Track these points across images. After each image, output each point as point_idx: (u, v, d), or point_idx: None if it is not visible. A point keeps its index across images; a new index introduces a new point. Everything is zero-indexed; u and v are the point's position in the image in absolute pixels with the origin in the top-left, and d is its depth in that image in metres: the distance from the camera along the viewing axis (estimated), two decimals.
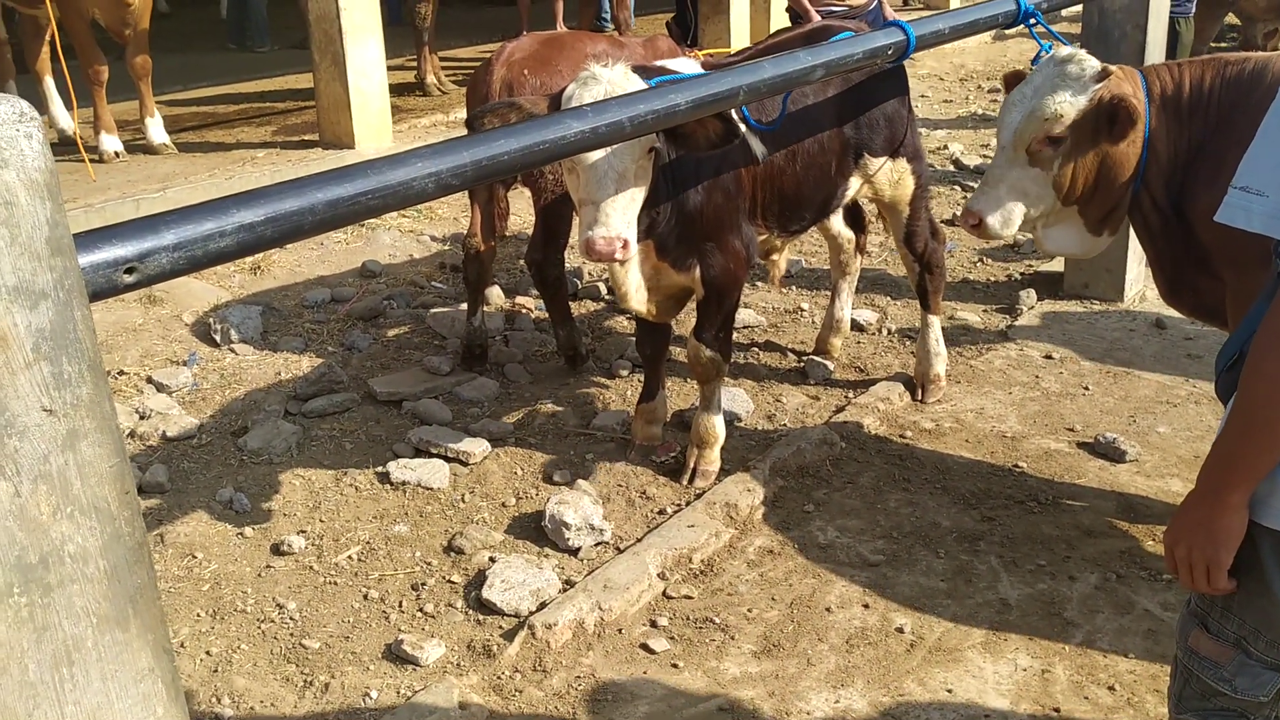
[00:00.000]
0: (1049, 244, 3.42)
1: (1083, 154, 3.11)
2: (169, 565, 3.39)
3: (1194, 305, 3.31)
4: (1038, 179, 3.17)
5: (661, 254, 3.47)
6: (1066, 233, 3.34)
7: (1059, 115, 3.06)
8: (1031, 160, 3.15)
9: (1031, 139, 3.12)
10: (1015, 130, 3.15)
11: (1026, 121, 3.13)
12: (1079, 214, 3.26)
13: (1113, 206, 3.23)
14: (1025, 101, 3.16)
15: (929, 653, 2.98)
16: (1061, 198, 3.20)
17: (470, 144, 2.01)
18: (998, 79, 9.87)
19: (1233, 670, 1.76)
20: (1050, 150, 3.11)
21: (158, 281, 1.53)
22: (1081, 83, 3.06)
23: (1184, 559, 1.72)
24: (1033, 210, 3.23)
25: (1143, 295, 5.17)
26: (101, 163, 6.86)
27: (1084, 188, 3.17)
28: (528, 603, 3.14)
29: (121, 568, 1.47)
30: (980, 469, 3.85)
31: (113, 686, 1.48)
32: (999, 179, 3.22)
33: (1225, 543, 1.67)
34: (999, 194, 3.22)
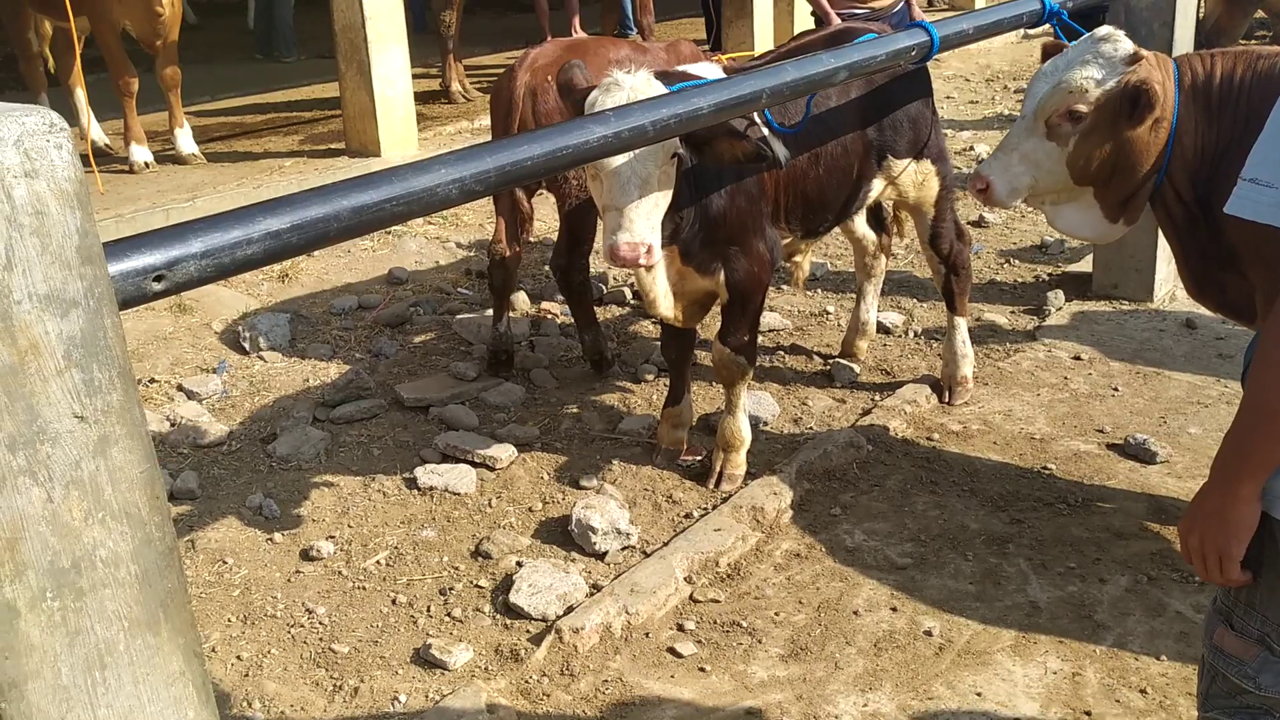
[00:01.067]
0: (1060, 223, 3.38)
1: (1101, 136, 3.07)
2: (200, 571, 3.43)
3: (1220, 302, 3.27)
4: (1051, 153, 3.13)
5: (686, 259, 3.47)
6: (1080, 214, 3.29)
7: (1083, 90, 3.03)
8: (1049, 134, 3.11)
9: (1052, 111, 3.09)
10: (1039, 101, 3.12)
11: (1051, 93, 3.10)
12: (1095, 197, 3.22)
13: (1131, 194, 3.18)
14: (1054, 74, 3.13)
15: (958, 656, 2.96)
16: (1074, 176, 3.15)
17: (493, 149, 2.03)
18: (1024, 79, 9.83)
19: (1257, 667, 1.75)
20: (1069, 125, 3.08)
21: (186, 289, 1.55)
22: (1112, 63, 3.03)
23: (1196, 549, 1.72)
24: (1041, 183, 3.20)
25: (1173, 295, 5.12)
26: (132, 173, 6.94)
27: (1100, 169, 3.13)
28: (555, 607, 3.14)
29: (153, 572, 1.48)
30: (1009, 471, 3.82)
31: (144, 690, 1.50)
32: (1013, 147, 3.19)
33: (1236, 534, 1.66)
34: (1010, 161, 3.19)
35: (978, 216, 6.37)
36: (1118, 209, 3.23)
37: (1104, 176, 3.14)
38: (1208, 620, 1.85)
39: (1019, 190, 3.20)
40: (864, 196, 4.01)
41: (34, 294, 1.29)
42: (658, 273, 3.42)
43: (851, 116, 3.82)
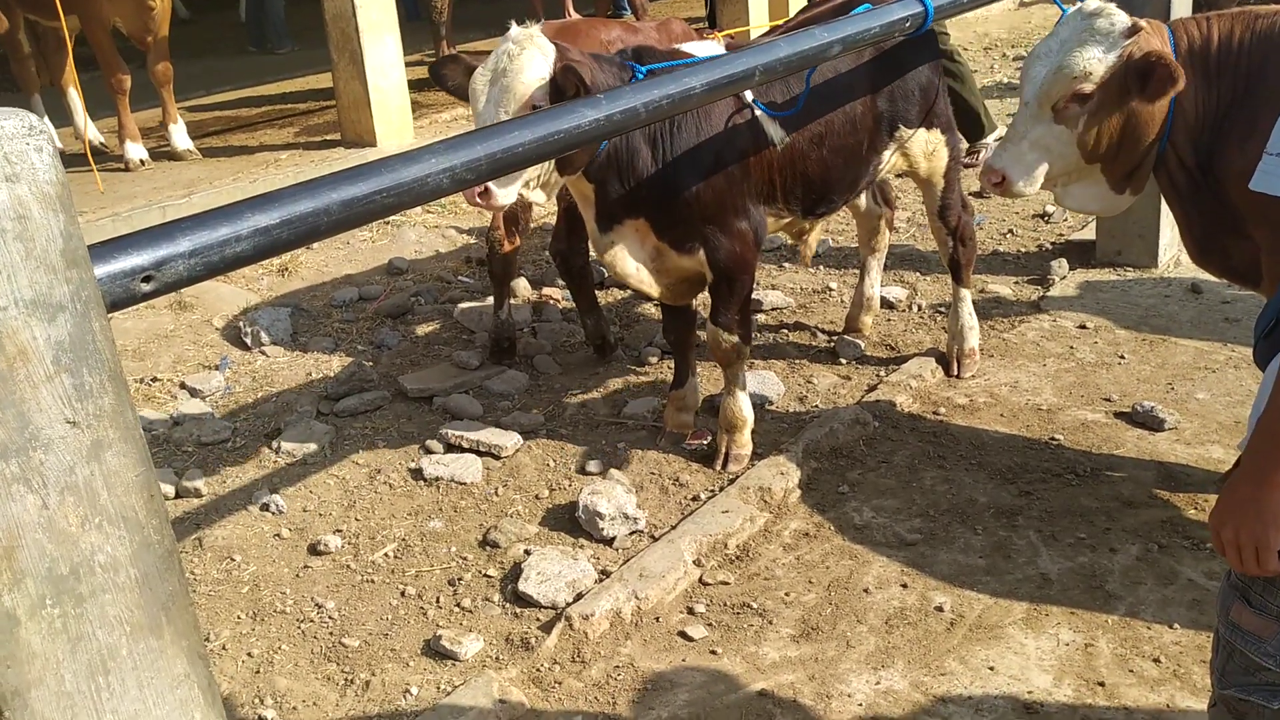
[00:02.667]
0: (1069, 201, 3.35)
1: (1109, 112, 3.04)
2: (208, 568, 3.42)
3: (1224, 267, 3.24)
4: (1062, 136, 3.10)
5: (660, 234, 3.47)
6: (1088, 190, 3.27)
7: (1087, 73, 2.99)
8: (1057, 118, 3.08)
9: (1059, 96, 3.05)
10: (1041, 86, 3.08)
11: (1054, 78, 3.05)
12: (1102, 172, 3.20)
13: (1137, 165, 3.16)
14: (1051, 56, 3.08)
15: (969, 630, 2.95)
16: (1085, 155, 3.13)
17: (484, 137, 2.00)
18: (1022, 47, 9.75)
19: (1276, 645, 1.71)
20: (1077, 108, 3.04)
21: (175, 289, 1.53)
22: (1111, 39, 2.99)
23: (1231, 540, 1.66)
24: (1056, 168, 3.17)
25: (1177, 260, 5.08)
26: (128, 171, 6.92)
27: (1108, 145, 3.10)
28: (564, 594, 3.14)
29: (152, 575, 1.47)
30: (1016, 443, 3.80)
31: (149, 694, 1.49)
32: (1022, 135, 3.15)
33: (1275, 522, 1.61)
34: (1021, 150, 3.15)
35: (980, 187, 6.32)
36: (1124, 180, 3.20)
37: (1112, 151, 3.11)
38: (1223, 595, 1.81)
39: (1034, 178, 3.16)
40: (875, 170, 3.97)
41: (20, 299, 1.28)
42: (621, 250, 3.49)
43: (860, 87, 3.77)
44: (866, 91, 3.78)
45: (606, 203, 3.40)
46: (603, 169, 3.31)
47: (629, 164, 3.34)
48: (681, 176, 3.38)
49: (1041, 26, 10.31)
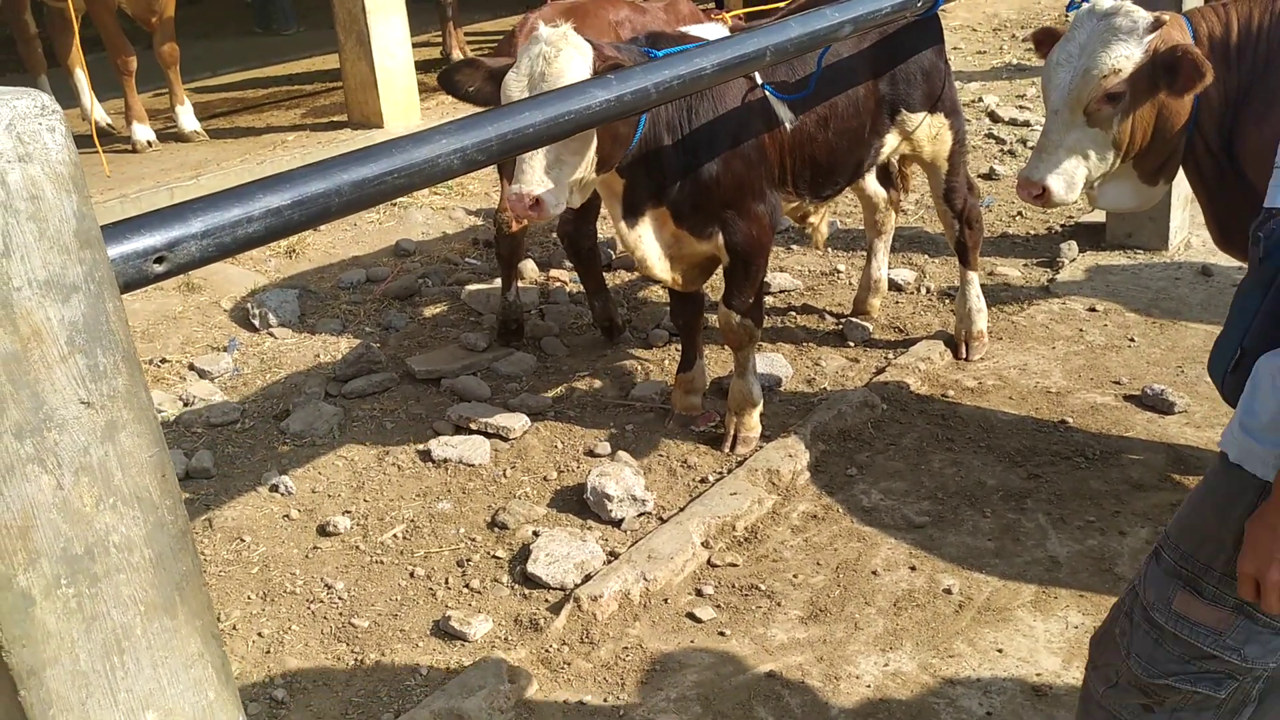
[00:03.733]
0: (1104, 201, 3.32)
1: (1140, 108, 3.01)
2: (218, 549, 3.44)
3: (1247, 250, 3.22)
4: (1098, 139, 3.05)
5: (679, 222, 3.45)
6: (1122, 187, 3.25)
7: (1117, 70, 2.95)
8: (1090, 121, 3.04)
9: (1090, 99, 3.01)
10: (1070, 91, 3.03)
11: (1082, 81, 3.01)
12: (1133, 167, 3.18)
13: (1169, 155, 3.15)
14: (1073, 60, 3.04)
15: (978, 613, 2.95)
16: (1121, 155, 3.10)
17: (494, 118, 1.99)
18: (1032, 28, 9.68)
19: (1240, 638, 1.63)
20: (1109, 108, 3.00)
21: (188, 269, 1.53)
22: (1136, 35, 2.96)
23: (1276, 583, 1.49)
24: (1095, 171, 3.12)
25: (1187, 243, 5.06)
26: (135, 152, 6.92)
27: (1142, 141, 3.08)
28: (573, 575, 3.14)
29: (166, 556, 1.48)
30: (1025, 426, 3.80)
31: (164, 673, 1.49)
32: (1057, 144, 3.08)
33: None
34: (1059, 159, 3.09)
35: (989, 169, 6.30)
36: (1156, 173, 3.19)
37: (1145, 146, 3.09)
38: (1155, 582, 1.69)
39: (1076, 185, 3.11)
40: (877, 154, 3.96)
41: (33, 280, 1.28)
42: (646, 235, 3.44)
43: (862, 71, 3.76)
44: (869, 75, 3.76)
45: (633, 195, 3.39)
46: (634, 163, 3.30)
47: (656, 153, 3.31)
48: (701, 162, 3.36)
49: (1051, 7, 10.25)
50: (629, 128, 3.14)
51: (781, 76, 3.53)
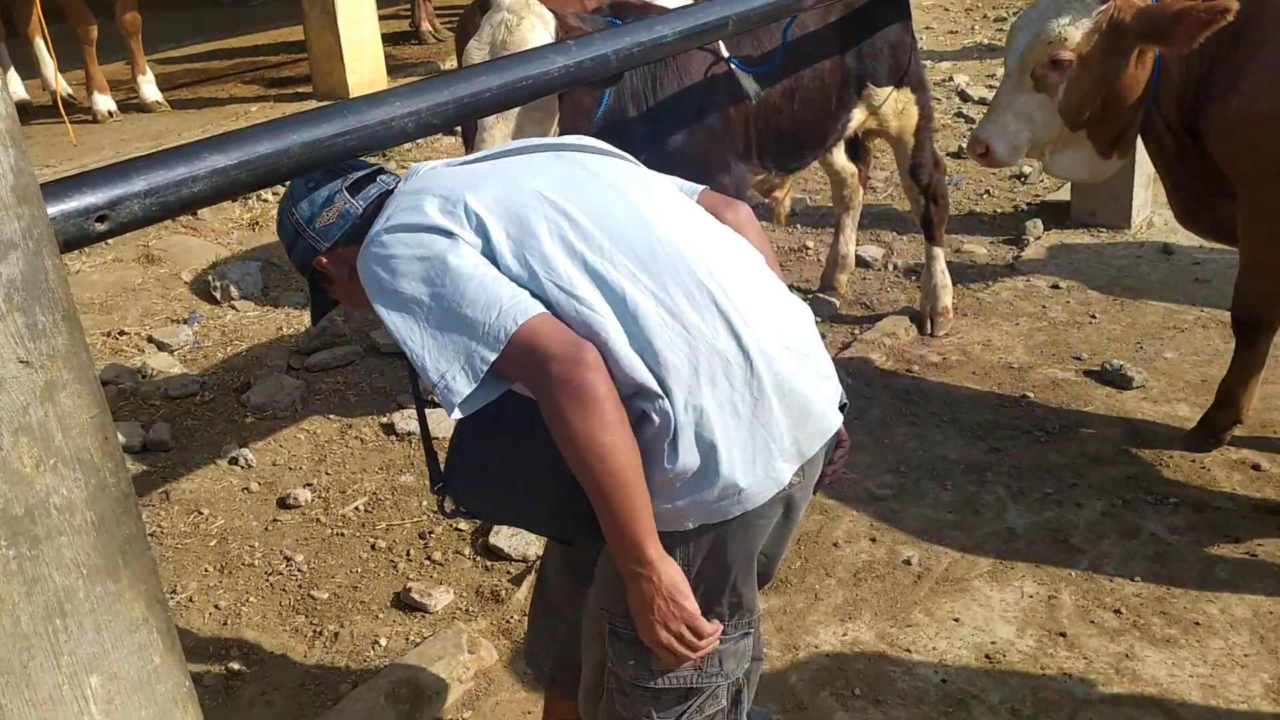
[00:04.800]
0: (1057, 169, 3.35)
1: (1089, 78, 3.03)
2: (175, 522, 3.41)
3: (1211, 227, 3.26)
4: (1043, 104, 3.09)
5: None
6: (1076, 157, 3.27)
7: (1062, 38, 2.98)
8: (1037, 85, 3.07)
9: (1036, 63, 3.04)
10: (1020, 55, 3.07)
11: (1031, 45, 3.05)
12: (1088, 138, 3.19)
13: (1123, 129, 3.16)
14: (1031, 25, 3.07)
15: (936, 583, 2.97)
16: (1068, 122, 3.12)
17: (450, 81, 1.97)
18: (1004, 9, 9.71)
19: (715, 664, 1.77)
20: (1055, 75, 3.03)
21: (131, 229, 1.50)
22: (1085, 4, 2.98)
23: (658, 643, 1.65)
24: (1039, 136, 3.16)
25: (1149, 221, 5.10)
26: (96, 123, 6.81)
27: (1091, 112, 3.10)
28: (535, 547, 3.14)
29: (109, 519, 1.46)
30: (987, 400, 3.82)
31: (107, 636, 1.48)
32: (1005, 105, 3.14)
33: (685, 594, 1.63)
34: (1005, 121, 3.15)
35: (958, 148, 6.32)
36: (1110, 146, 3.21)
37: (1096, 118, 3.10)
38: (625, 655, 1.77)
39: (1019, 147, 3.15)
40: (844, 128, 3.95)
41: None
42: None
43: (829, 45, 3.74)
44: (835, 49, 3.75)
45: None
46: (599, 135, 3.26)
47: (620, 126, 3.29)
48: (665, 133, 3.35)
49: None
50: (592, 98, 3.11)
51: (747, 49, 3.52)
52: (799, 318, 1.77)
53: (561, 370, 1.51)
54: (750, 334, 1.65)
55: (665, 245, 1.67)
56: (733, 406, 1.63)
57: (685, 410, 1.60)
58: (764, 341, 1.67)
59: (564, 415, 1.52)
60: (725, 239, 1.78)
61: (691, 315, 1.62)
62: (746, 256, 1.78)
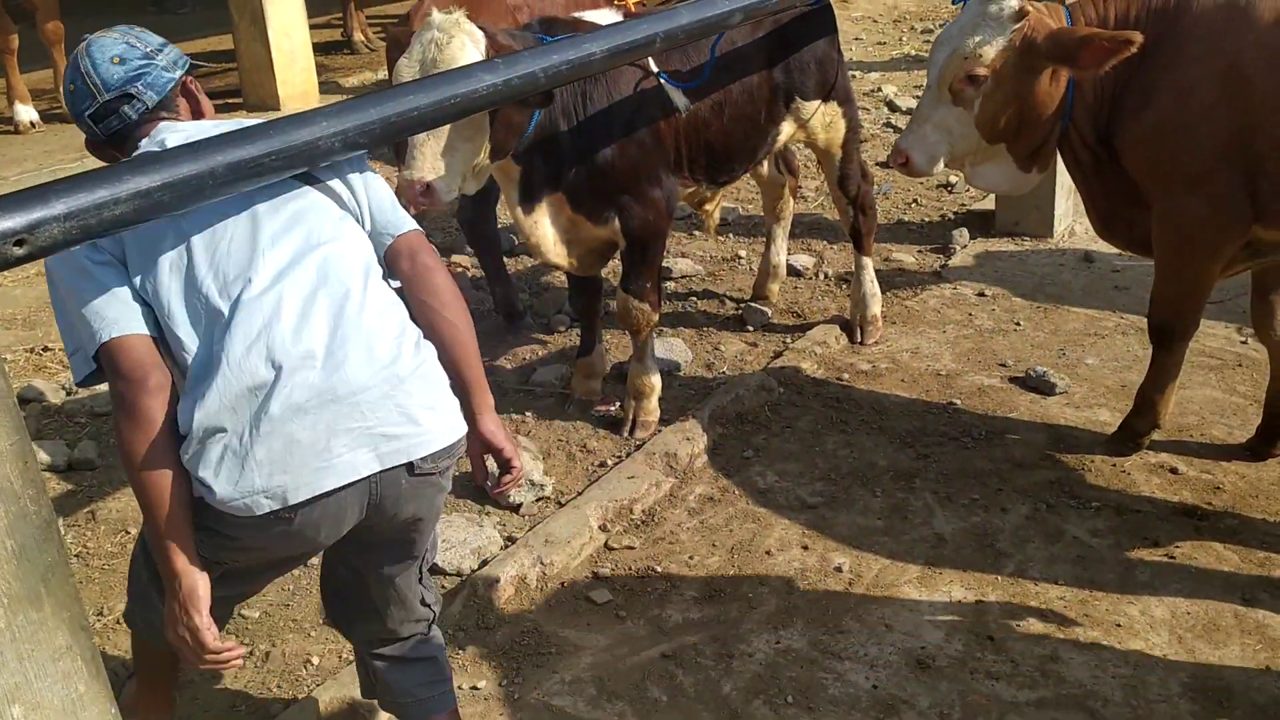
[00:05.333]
0: (979, 181, 3.45)
1: (1004, 93, 3.12)
2: (101, 542, 3.34)
3: (1128, 238, 3.36)
4: (960, 118, 3.18)
5: (576, 207, 3.46)
6: (996, 170, 3.36)
7: (978, 55, 3.07)
8: (955, 99, 3.16)
9: (952, 78, 3.13)
10: (939, 69, 3.16)
11: (949, 61, 3.14)
12: (1007, 151, 3.29)
13: (1039, 144, 3.26)
14: (949, 41, 3.16)
15: (867, 590, 3.03)
16: (985, 135, 3.21)
17: (377, 100, 1.98)
18: (931, 20, 9.89)
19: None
20: (971, 89, 3.12)
21: (51, 253, 1.49)
22: (1000, 22, 3.06)
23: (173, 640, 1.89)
24: (957, 148, 3.25)
25: (1071, 230, 5.23)
26: (18, 134, 6.66)
27: (1008, 126, 3.19)
28: (469, 561, 3.14)
29: (30, 546, 1.44)
30: (916, 407, 3.90)
31: (30, 666, 1.46)
32: (925, 118, 3.24)
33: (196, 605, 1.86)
34: (924, 132, 3.24)
35: (885, 157, 6.42)
36: (1029, 160, 3.30)
37: (1012, 132, 3.20)
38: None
39: (936, 158, 3.24)
40: (773, 141, 4.01)
41: None
42: (541, 221, 3.45)
43: (756, 59, 3.80)
44: (764, 64, 3.81)
45: (529, 181, 3.38)
46: (530, 149, 3.29)
47: (551, 140, 3.32)
48: (596, 147, 3.38)
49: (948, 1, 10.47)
50: (523, 115, 3.13)
51: (677, 64, 3.56)
52: (372, 368, 1.93)
53: (124, 389, 1.82)
54: (281, 386, 1.85)
55: (253, 289, 1.88)
56: (239, 435, 1.84)
57: (200, 430, 1.84)
58: (292, 390, 1.86)
59: (119, 428, 1.84)
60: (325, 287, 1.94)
61: (239, 353, 1.85)
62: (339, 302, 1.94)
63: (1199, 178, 3.02)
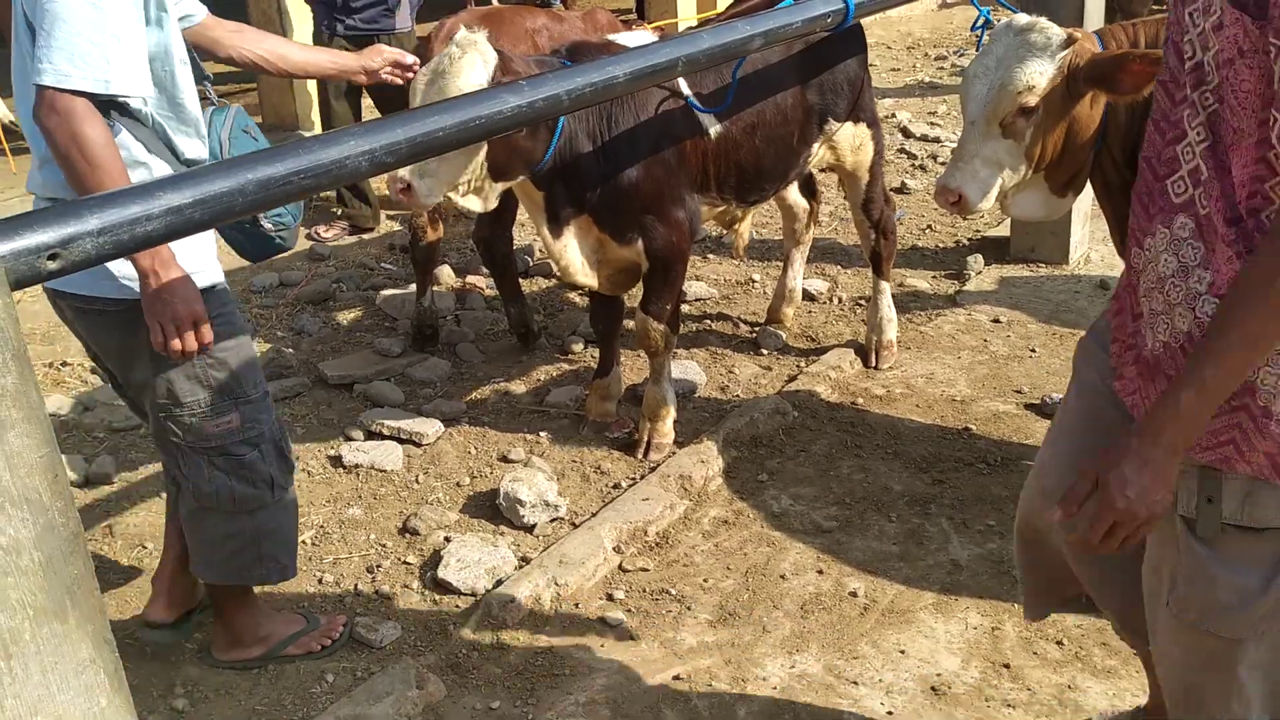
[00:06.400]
0: (1016, 210, 3.40)
1: (1053, 122, 3.10)
2: (119, 556, 3.35)
3: None
4: (1012, 150, 3.12)
5: (601, 227, 3.48)
6: (1032, 197, 3.33)
7: (1031, 86, 3.04)
8: (1005, 133, 3.11)
9: (1006, 112, 3.08)
10: (986, 104, 3.10)
11: (999, 94, 3.07)
12: (1044, 179, 3.27)
13: (1078, 169, 3.25)
14: (990, 74, 3.10)
15: (882, 615, 3.01)
16: (1032, 165, 3.18)
17: (404, 120, 1.99)
18: (945, 47, 9.94)
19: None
20: (1023, 121, 3.08)
21: (84, 268, 1.50)
22: (1050, 51, 3.04)
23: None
24: (1008, 180, 3.20)
25: (1087, 258, 5.23)
26: None
27: (1051, 154, 3.17)
28: (484, 581, 3.14)
29: (57, 559, 1.45)
30: (931, 433, 3.89)
31: (53, 679, 1.46)
32: (973, 153, 3.15)
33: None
34: (975, 168, 3.15)
35: (900, 183, 6.44)
36: (1065, 185, 3.29)
37: (1055, 158, 3.18)
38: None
39: (990, 193, 3.18)
40: (805, 162, 4.02)
41: None
42: (570, 243, 3.48)
43: (791, 79, 3.81)
44: (796, 84, 3.83)
45: (555, 204, 3.41)
46: (550, 175, 3.32)
47: (573, 164, 3.34)
48: (621, 168, 3.40)
49: (962, 27, 10.52)
50: (532, 140, 3.17)
51: (706, 85, 3.58)
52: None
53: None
54: None
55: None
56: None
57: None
58: None
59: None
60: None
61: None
62: None
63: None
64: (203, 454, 2.58)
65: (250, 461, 2.61)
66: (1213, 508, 1.65)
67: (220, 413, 2.54)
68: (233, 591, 2.82)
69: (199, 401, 2.53)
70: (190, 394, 2.51)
